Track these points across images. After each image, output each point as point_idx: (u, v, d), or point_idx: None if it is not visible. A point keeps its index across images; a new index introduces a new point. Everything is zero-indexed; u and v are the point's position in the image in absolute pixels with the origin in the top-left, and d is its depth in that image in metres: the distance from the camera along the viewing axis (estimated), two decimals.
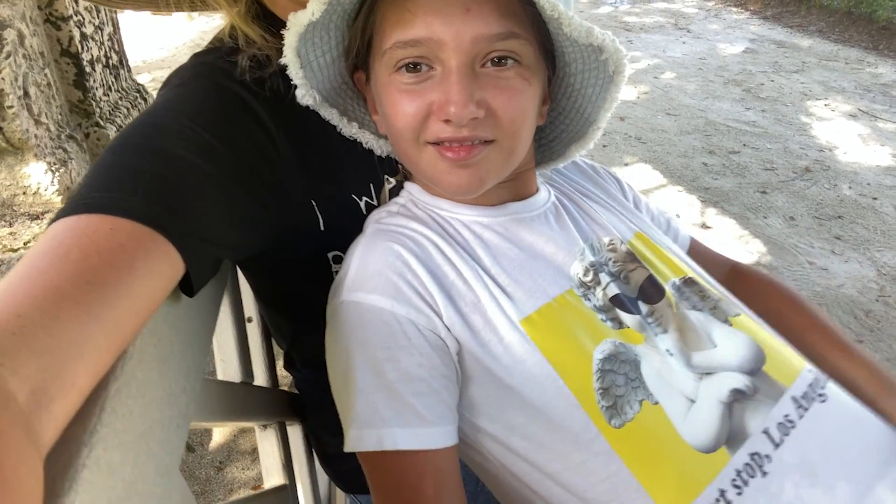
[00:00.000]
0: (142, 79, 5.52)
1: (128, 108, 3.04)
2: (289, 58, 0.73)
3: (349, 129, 0.85)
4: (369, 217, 0.87)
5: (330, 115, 0.82)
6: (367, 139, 0.87)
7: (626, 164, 4.12)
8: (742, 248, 3.24)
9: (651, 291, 0.83)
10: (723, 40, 6.92)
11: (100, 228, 0.58)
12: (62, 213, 0.59)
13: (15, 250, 2.20)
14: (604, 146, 4.33)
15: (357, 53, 0.78)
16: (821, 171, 4.01)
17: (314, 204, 0.84)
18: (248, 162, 0.74)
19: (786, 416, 0.74)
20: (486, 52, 0.69)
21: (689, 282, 0.88)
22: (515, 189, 0.86)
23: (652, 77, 5.75)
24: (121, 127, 2.91)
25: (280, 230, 0.81)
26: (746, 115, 4.93)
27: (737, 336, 0.83)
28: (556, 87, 0.83)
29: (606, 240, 0.88)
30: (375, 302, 0.72)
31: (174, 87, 0.78)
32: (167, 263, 0.61)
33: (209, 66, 0.80)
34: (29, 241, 2.26)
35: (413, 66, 0.70)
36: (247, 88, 0.77)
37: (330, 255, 0.87)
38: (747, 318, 0.87)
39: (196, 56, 0.84)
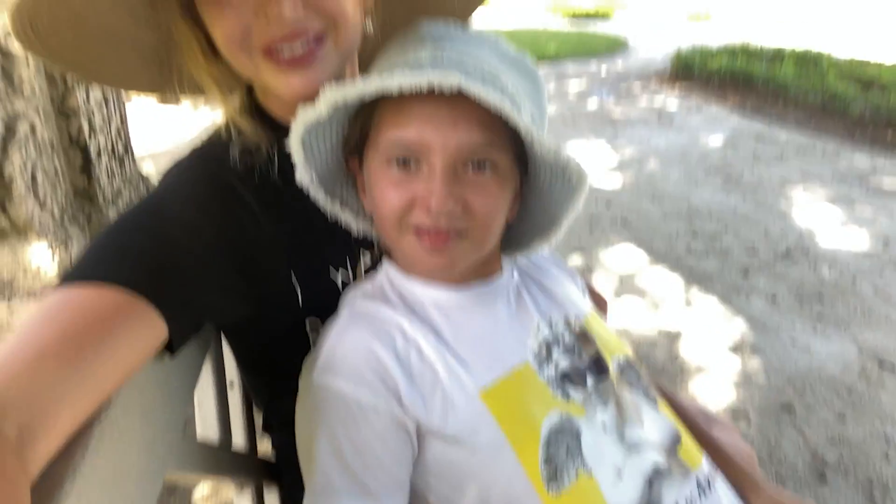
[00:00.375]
0: (146, 166, 5.73)
1: (130, 195, 3.18)
2: (294, 146, 0.84)
3: (332, 208, 0.95)
4: (346, 296, 0.95)
5: (317, 194, 0.92)
6: (347, 218, 0.96)
7: (612, 245, 4.23)
8: (725, 326, 3.30)
9: (598, 368, 0.93)
10: (704, 132, 7.22)
11: (87, 296, 0.67)
12: (57, 286, 0.68)
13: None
14: (591, 230, 4.46)
15: (354, 144, 0.89)
16: (801, 254, 4.13)
17: (294, 278, 0.92)
18: (233, 239, 0.84)
19: (690, 494, 0.85)
20: (467, 157, 0.80)
21: (630, 362, 0.99)
22: (482, 270, 0.96)
23: (637, 166, 5.98)
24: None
25: (260, 301, 0.89)
26: (728, 201, 5.10)
27: (661, 418, 0.93)
28: (527, 188, 0.94)
29: (563, 316, 0.97)
30: (341, 387, 0.81)
31: (172, 176, 0.89)
32: (149, 325, 0.69)
33: (204, 157, 0.91)
34: None
35: (403, 162, 0.81)
36: (237, 176, 0.88)
37: (308, 321, 0.95)
38: (666, 404, 0.98)
39: (194, 150, 0.95)
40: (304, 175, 0.88)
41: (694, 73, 9.52)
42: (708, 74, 9.25)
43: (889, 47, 11.78)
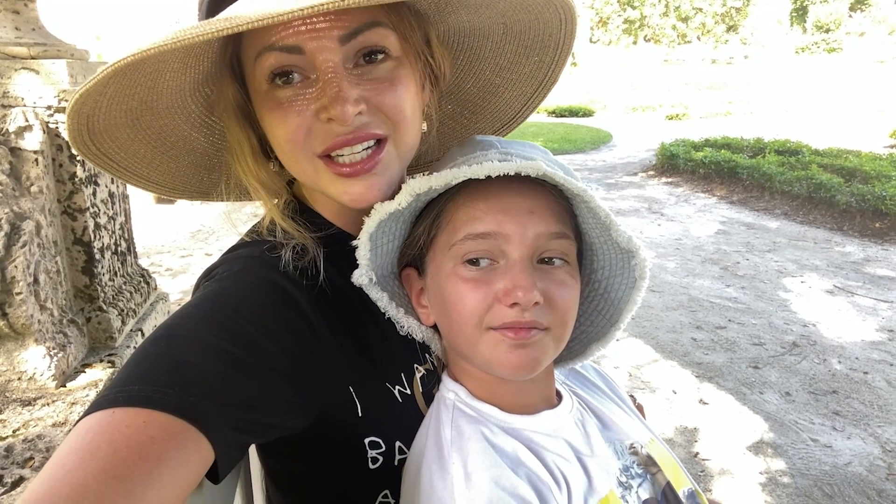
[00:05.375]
0: (141, 263, 5.69)
1: (130, 293, 3.11)
2: (363, 241, 0.83)
3: (395, 313, 0.90)
4: (429, 430, 0.85)
5: (380, 297, 0.88)
6: (411, 324, 0.91)
7: (618, 340, 4.16)
8: (743, 424, 3.20)
9: (670, 496, 0.88)
10: (695, 222, 7.35)
11: (133, 422, 0.60)
12: (98, 406, 0.61)
13: (3, 438, 2.13)
14: None
15: (418, 249, 0.86)
16: (808, 346, 4.09)
17: (352, 390, 0.85)
18: (289, 351, 0.77)
19: None
20: (543, 248, 0.78)
21: (693, 494, 0.93)
22: (545, 395, 0.90)
23: None
24: (123, 311, 2.95)
25: (318, 415, 0.82)
26: (727, 292, 5.11)
27: None
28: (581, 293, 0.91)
29: (628, 443, 0.92)
30: None
31: (222, 278, 0.83)
32: (197, 453, 0.63)
33: (256, 259, 0.86)
34: (18, 429, 2.19)
35: (476, 261, 0.79)
36: (290, 280, 0.83)
37: (367, 440, 0.87)
38: None
39: (242, 248, 0.90)
40: (363, 273, 0.85)
41: (679, 164, 9.81)
42: (693, 166, 9.52)
43: (859, 133, 12.29)
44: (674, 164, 9.98)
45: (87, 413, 0.62)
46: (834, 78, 25.07)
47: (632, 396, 1.20)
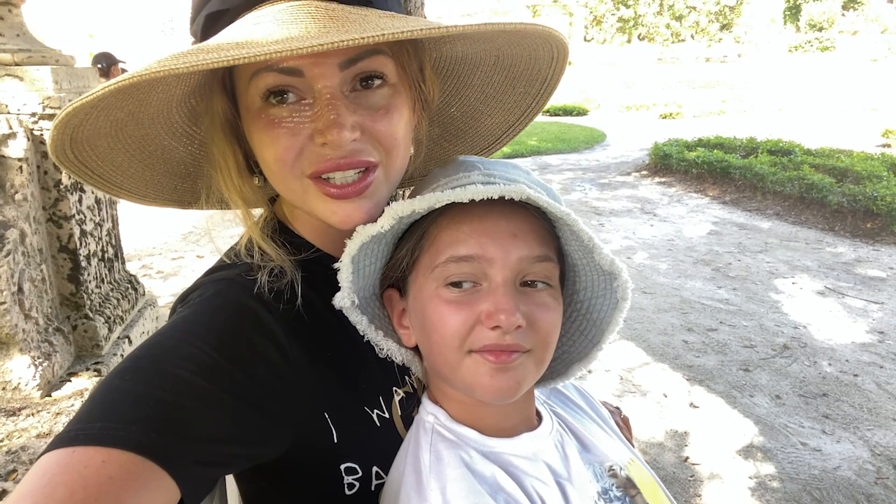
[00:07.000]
0: (132, 265, 5.66)
1: (118, 300, 3.09)
2: (345, 263, 0.82)
3: (375, 336, 0.90)
4: (407, 455, 0.85)
5: (359, 320, 0.88)
6: (390, 347, 0.91)
7: (609, 342, 4.17)
8: (733, 428, 3.20)
9: None
10: (688, 223, 7.35)
11: (91, 462, 0.58)
12: (57, 443, 0.60)
13: None
14: None
15: (401, 271, 0.86)
16: (799, 348, 4.09)
17: (327, 416, 0.84)
18: (258, 379, 0.76)
19: None
20: (526, 272, 0.78)
21: None
22: (526, 416, 0.89)
23: (625, 257, 6.02)
24: (109, 318, 2.93)
25: (292, 442, 0.81)
26: (719, 294, 5.11)
27: None
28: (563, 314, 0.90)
29: (607, 465, 0.91)
30: None
31: (194, 303, 0.82)
32: (160, 490, 0.61)
33: (230, 282, 0.85)
34: (2, 441, 2.17)
35: (459, 283, 0.78)
36: (264, 304, 0.82)
37: (343, 466, 0.86)
38: None
39: (219, 270, 0.89)
40: (345, 296, 0.84)
41: (672, 164, 9.81)
42: (686, 166, 9.53)
43: (852, 132, 12.31)
44: (667, 163, 9.98)
45: (48, 450, 0.61)
46: (827, 76, 25.15)
47: (618, 409, 1.20)
